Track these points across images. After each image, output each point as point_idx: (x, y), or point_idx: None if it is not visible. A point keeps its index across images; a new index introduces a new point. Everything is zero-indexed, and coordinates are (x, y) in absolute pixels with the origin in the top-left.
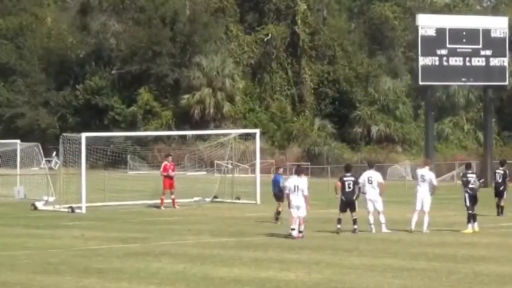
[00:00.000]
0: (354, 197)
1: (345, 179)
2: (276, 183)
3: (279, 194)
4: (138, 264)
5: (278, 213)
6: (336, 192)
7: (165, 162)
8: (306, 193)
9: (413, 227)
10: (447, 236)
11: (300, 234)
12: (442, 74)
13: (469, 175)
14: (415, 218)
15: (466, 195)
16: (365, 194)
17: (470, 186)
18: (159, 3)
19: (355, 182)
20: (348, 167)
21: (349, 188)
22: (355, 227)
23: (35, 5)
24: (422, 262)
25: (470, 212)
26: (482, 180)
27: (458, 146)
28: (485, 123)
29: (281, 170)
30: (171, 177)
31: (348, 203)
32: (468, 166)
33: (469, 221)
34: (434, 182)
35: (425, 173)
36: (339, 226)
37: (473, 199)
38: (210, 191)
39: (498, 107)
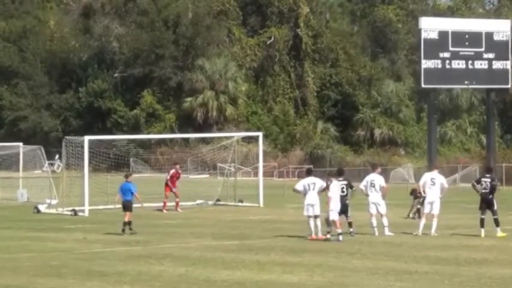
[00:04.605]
0: (347, 201)
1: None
2: (125, 191)
3: (128, 203)
4: (140, 267)
5: (126, 224)
6: None
7: (173, 170)
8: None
9: (420, 231)
10: (450, 239)
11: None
12: (445, 77)
13: (483, 179)
14: (423, 222)
15: (479, 199)
16: (368, 196)
17: (482, 190)
18: (162, 6)
19: (348, 186)
20: (339, 171)
21: (342, 191)
22: (351, 229)
23: (38, 8)
24: (424, 265)
25: (480, 216)
26: (495, 184)
27: (461, 149)
28: (488, 126)
29: (131, 177)
30: (174, 181)
31: (341, 207)
32: (488, 170)
33: (481, 226)
34: (446, 184)
35: (436, 176)
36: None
37: (484, 203)
38: (212, 194)
39: (501, 110)
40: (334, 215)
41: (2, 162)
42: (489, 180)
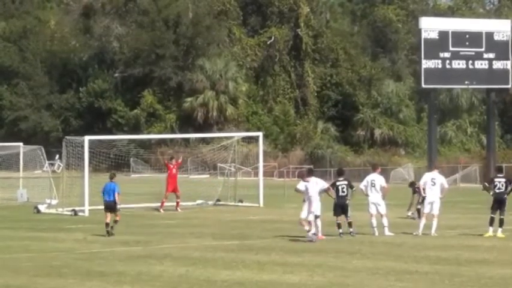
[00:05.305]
0: (347, 201)
1: (338, 183)
2: (108, 191)
3: (112, 203)
4: (140, 267)
5: (107, 225)
6: (332, 197)
7: (168, 163)
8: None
9: (420, 231)
10: (450, 239)
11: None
12: (445, 77)
13: (496, 179)
14: (423, 222)
15: (492, 199)
16: (368, 196)
17: (496, 190)
18: (162, 6)
19: (349, 186)
20: (340, 171)
21: (342, 192)
22: (351, 229)
23: (38, 8)
24: (425, 265)
25: (491, 215)
26: None
27: (461, 149)
28: (488, 126)
29: (115, 178)
30: (173, 177)
31: (341, 207)
32: (499, 170)
33: (490, 225)
34: (446, 184)
35: (436, 176)
36: (340, 231)
37: (497, 203)
38: (212, 194)
39: (501, 110)
40: (304, 214)
41: (2, 162)
42: (503, 180)
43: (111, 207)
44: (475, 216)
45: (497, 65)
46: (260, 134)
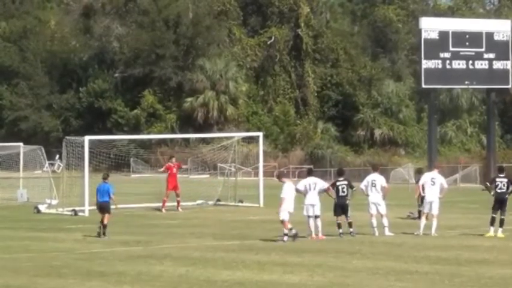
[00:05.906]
0: (347, 201)
1: (338, 183)
2: (102, 192)
3: (105, 204)
4: (141, 267)
5: (104, 226)
6: (332, 197)
7: (168, 164)
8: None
9: (421, 231)
10: (450, 239)
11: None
12: (445, 77)
13: (498, 179)
14: (423, 222)
15: (493, 198)
16: (368, 196)
17: (497, 190)
18: (162, 6)
19: (349, 186)
20: (340, 171)
21: (342, 192)
22: (351, 230)
23: (38, 8)
24: (425, 265)
25: (492, 215)
26: None
27: (461, 149)
28: (488, 126)
29: (109, 178)
30: (173, 176)
31: (341, 207)
32: (500, 170)
33: (491, 224)
34: (445, 184)
35: (436, 176)
36: (340, 231)
37: (498, 203)
38: (213, 194)
39: (501, 110)
40: (284, 215)
41: (2, 162)
42: (505, 180)
43: (105, 208)
44: (475, 216)
45: (497, 65)
46: (260, 134)
